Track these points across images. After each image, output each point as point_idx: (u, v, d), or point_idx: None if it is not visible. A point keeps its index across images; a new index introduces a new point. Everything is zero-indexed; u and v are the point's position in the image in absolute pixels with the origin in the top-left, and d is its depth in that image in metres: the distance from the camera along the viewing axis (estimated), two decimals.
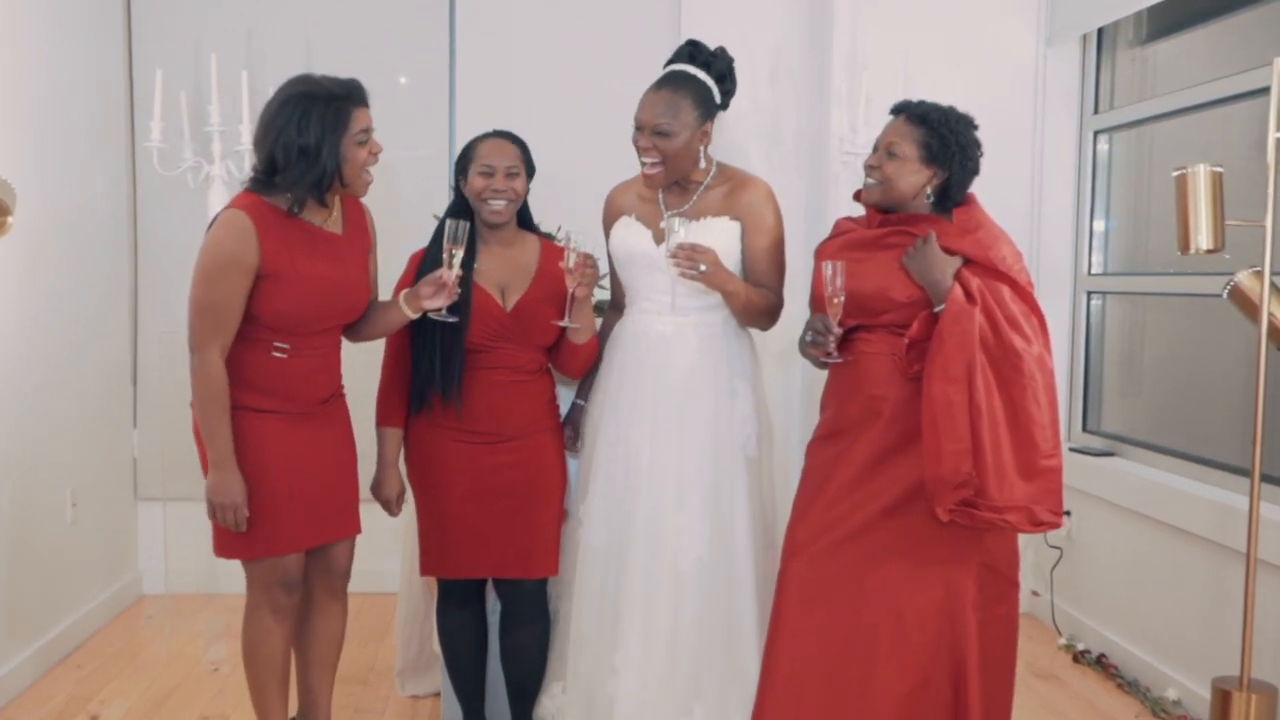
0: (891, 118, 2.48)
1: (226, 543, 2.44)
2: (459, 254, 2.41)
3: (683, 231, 2.45)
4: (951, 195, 2.46)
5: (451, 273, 2.42)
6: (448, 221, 2.43)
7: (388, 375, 2.66)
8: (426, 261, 2.62)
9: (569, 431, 2.79)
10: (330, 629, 2.63)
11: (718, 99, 2.61)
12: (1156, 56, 3.83)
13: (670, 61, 2.63)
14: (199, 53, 3.83)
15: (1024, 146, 4.01)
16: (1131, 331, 3.97)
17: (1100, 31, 3.94)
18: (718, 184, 2.65)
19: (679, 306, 2.59)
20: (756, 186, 2.65)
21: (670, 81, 2.57)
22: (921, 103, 2.46)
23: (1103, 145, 4.01)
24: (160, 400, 4.05)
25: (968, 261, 2.37)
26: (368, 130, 2.38)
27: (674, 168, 2.57)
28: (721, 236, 2.58)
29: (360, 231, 2.54)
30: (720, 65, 2.61)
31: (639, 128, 2.56)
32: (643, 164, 2.59)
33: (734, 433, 2.62)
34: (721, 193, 2.64)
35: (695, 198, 2.64)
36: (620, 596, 2.57)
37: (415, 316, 2.48)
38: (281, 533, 2.43)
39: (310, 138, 2.30)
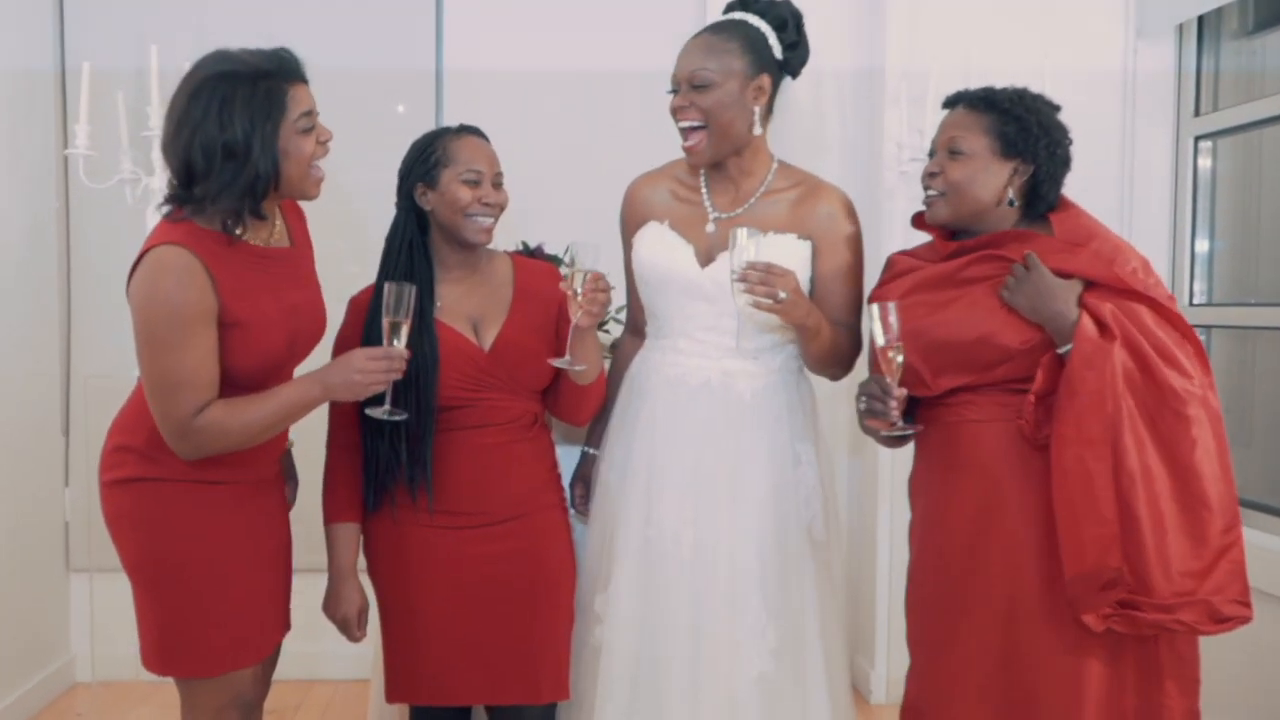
0: (946, 112, 1.99)
1: (168, 655, 1.93)
2: (405, 327, 1.86)
3: (752, 246, 1.91)
4: (1042, 197, 1.96)
5: (400, 350, 1.86)
6: (388, 286, 1.86)
7: (336, 462, 2.09)
8: (375, 311, 2.02)
9: (579, 489, 2.25)
10: None
11: (777, 53, 2.08)
12: (1267, 49, 3.39)
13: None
14: (140, 45, 3.31)
15: (1112, 155, 3.53)
16: (1241, 371, 3.49)
17: (1200, 20, 3.50)
18: (780, 186, 2.14)
19: (744, 349, 2.06)
20: (832, 195, 2.14)
21: (713, 27, 2.11)
22: (982, 87, 1.98)
23: (1204, 153, 3.55)
24: (96, 455, 3.47)
25: (1089, 284, 1.86)
26: (310, 113, 1.87)
27: (720, 133, 2.06)
28: (788, 258, 2.03)
29: (305, 239, 2.07)
30: (780, 12, 2.10)
31: (675, 87, 2.08)
32: (682, 135, 2.08)
33: (798, 510, 2.10)
34: (787, 200, 2.12)
35: (753, 200, 2.12)
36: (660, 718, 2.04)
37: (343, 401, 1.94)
38: (247, 636, 1.95)
39: (236, 131, 1.78)
